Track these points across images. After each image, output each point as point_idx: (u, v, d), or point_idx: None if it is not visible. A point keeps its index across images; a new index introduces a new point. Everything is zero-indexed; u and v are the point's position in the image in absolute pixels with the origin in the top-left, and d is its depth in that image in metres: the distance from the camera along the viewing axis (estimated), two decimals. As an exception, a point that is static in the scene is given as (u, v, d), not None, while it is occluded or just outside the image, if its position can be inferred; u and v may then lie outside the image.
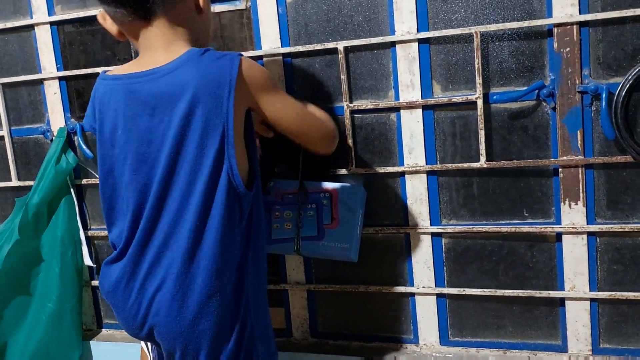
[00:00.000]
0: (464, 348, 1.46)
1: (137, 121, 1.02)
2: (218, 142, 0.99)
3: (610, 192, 1.30)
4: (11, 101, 1.70)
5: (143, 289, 1.05)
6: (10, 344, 1.64)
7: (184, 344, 1.04)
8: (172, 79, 1.00)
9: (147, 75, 1.02)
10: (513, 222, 1.37)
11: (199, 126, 0.99)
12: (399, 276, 1.48)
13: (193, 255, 1.02)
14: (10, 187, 1.75)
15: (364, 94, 1.41)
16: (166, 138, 1.00)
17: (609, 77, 1.25)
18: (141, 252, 1.05)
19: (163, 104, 1.00)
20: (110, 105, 1.05)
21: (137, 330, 1.08)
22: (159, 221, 1.03)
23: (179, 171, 1.01)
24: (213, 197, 1.01)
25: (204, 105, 0.98)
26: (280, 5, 1.41)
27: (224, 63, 1.00)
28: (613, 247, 1.32)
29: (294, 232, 1.36)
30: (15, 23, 1.64)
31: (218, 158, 1.00)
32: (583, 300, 1.35)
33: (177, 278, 1.02)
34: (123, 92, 1.03)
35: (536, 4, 1.26)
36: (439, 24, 1.33)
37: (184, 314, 1.03)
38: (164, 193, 1.02)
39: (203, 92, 0.98)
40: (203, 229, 1.01)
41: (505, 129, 1.33)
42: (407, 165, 1.40)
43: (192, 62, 1.00)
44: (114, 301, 1.10)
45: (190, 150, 1.00)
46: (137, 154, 1.03)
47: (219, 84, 0.98)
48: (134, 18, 1.04)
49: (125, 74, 1.05)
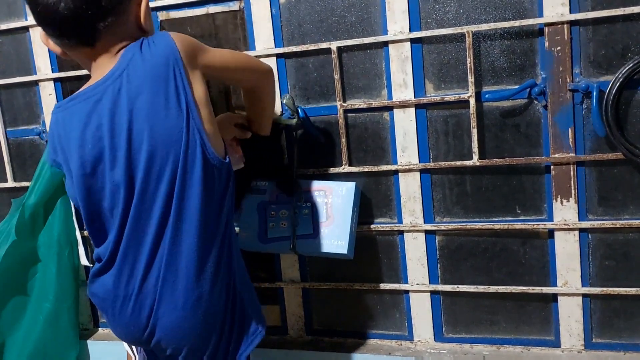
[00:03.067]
0: (458, 344, 1.47)
1: (102, 130, 1.01)
2: (185, 118, 1.00)
3: (601, 189, 1.32)
4: (6, 102, 1.71)
5: (142, 289, 1.05)
6: (8, 344, 1.64)
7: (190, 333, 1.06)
8: (124, 78, 1.00)
9: (101, 85, 1.02)
10: (506, 219, 1.38)
11: (165, 112, 0.99)
12: (393, 273, 1.49)
13: (180, 239, 1.03)
14: (6, 188, 1.75)
15: (357, 94, 1.42)
16: (137, 134, 1.00)
17: (600, 76, 1.27)
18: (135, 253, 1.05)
19: (124, 105, 1.00)
20: (71, 127, 1.04)
21: (139, 334, 1.08)
22: (148, 216, 1.03)
23: (158, 161, 1.01)
24: (191, 174, 1.01)
25: (163, 90, 0.99)
26: (273, 6, 1.42)
27: (163, 46, 1.01)
28: (605, 243, 1.34)
29: (289, 230, 1.37)
30: (10, 25, 1.64)
31: (188, 134, 1.00)
32: (575, 295, 1.36)
33: (169, 268, 1.03)
34: (83, 109, 1.03)
35: (527, 4, 1.28)
36: (431, 23, 1.34)
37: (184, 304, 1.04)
38: (146, 188, 1.01)
39: (158, 80, 0.99)
40: (183, 209, 1.02)
41: (497, 127, 1.35)
42: (401, 163, 1.41)
43: (135, 58, 1.00)
44: (112, 310, 1.09)
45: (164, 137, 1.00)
46: (112, 160, 1.02)
47: (168, 66, 0.99)
48: (77, 44, 1.04)
49: (79, 92, 1.06)
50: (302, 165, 1.45)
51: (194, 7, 1.47)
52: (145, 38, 1.03)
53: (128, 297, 1.06)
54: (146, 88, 0.99)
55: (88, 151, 1.03)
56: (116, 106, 1.00)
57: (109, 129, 1.00)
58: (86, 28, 1.01)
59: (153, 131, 0.99)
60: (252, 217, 1.42)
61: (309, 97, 1.44)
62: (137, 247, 1.04)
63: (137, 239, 1.04)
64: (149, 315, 1.06)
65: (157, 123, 0.99)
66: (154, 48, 1.01)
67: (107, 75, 1.02)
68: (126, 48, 1.02)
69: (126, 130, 0.99)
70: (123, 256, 1.06)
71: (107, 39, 1.03)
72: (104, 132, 1.01)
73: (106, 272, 1.08)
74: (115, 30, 1.04)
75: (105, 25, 1.01)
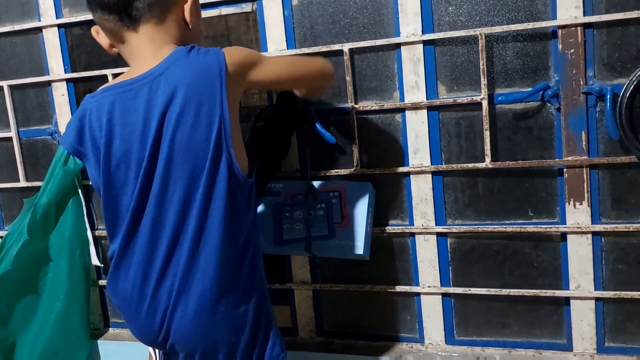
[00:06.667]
0: (469, 347, 1.47)
1: (133, 127, 1.02)
2: (215, 134, 0.99)
3: (614, 192, 1.31)
4: (19, 103, 1.72)
5: (156, 294, 1.05)
6: (19, 343, 1.65)
7: (204, 339, 1.06)
8: (162, 80, 1.00)
9: (138, 81, 1.02)
10: (518, 222, 1.38)
11: (195, 121, 0.99)
12: (404, 276, 1.49)
13: (199, 250, 1.03)
14: (18, 188, 1.76)
15: (369, 95, 1.42)
16: (164, 138, 1.00)
17: (614, 78, 1.26)
18: (149, 256, 1.05)
19: (157, 106, 1.00)
20: (103, 119, 1.04)
21: (154, 337, 1.08)
22: (164, 221, 1.03)
23: (178, 168, 1.01)
24: (214, 189, 1.01)
25: (198, 100, 0.99)
26: (286, 8, 1.42)
27: (211, 57, 1.01)
28: (618, 246, 1.33)
29: (304, 232, 1.37)
30: (24, 25, 1.65)
31: (216, 150, 1.00)
32: (588, 299, 1.36)
33: (186, 277, 1.03)
34: (116, 101, 1.03)
35: (541, 6, 1.27)
36: (443, 25, 1.34)
37: (199, 312, 1.04)
38: (164, 193, 1.02)
39: (195, 89, 0.99)
40: (206, 221, 1.02)
41: (510, 129, 1.34)
42: (413, 165, 1.41)
43: (180, 61, 1.01)
44: (128, 311, 1.10)
45: (188, 146, 1.00)
46: (137, 159, 1.03)
47: (210, 78, 0.99)
48: (121, 25, 1.05)
49: (115, 84, 1.06)
50: (314, 167, 1.45)
51: (207, 8, 1.47)
52: (195, 46, 1.03)
53: (142, 300, 1.06)
54: (181, 95, 0.99)
55: (116, 146, 1.03)
56: (150, 106, 1.00)
57: (140, 128, 1.01)
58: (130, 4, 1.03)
59: (175, 138, 1.00)
60: (267, 219, 1.42)
61: (321, 98, 1.44)
62: (152, 250, 1.05)
63: (151, 242, 1.05)
64: (162, 320, 1.06)
65: (182, 130, 0.99)
66: (201, 58, 1.01)
67: (147, 72, 1.02)
68: (173, 51, 1.03)
69: (154, 132, 1.00)
70: (137, 257, 1.06)
71: (150, 25, 1.04)
72: (134, 130, 1.01)
73: (121, 272, 1.09)
74: (159, 16, 1.04)
75: (148, 4, 1.03)
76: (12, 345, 1.64)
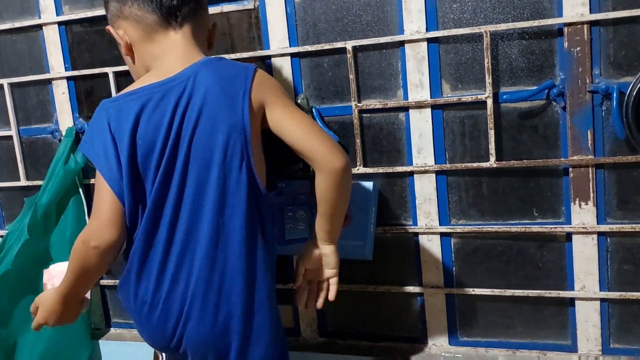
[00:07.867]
0: (473, 348, 1.45)
1: (158, 130, 1.01)
2: (240, 143, 1.00)
3: (620, 192, 1.30)
4: (19, 101, 1.70)
5: (169, 298, 1.05)
6: (20, 343, 1.64)
7: (216, 349, 1.05)
8: (190, 83, 1.01)
9: (167, 84, 1.03)
10: (523, 222, 1.37)
11: (214, 126, 1.00)
12: (408, 276, 1.47)
13: (217, 258, 1.03)
14: (18, 187, 1.75)
15: (372, 94, 1.41)
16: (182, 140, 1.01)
17: (620, 77, 1.25)
18: (163, 262, 1.04)
19: (184, 110, 1.01)
20: (128, 124, 1.02)
21: (166, 342, 1.08)
22: (177, 228, 1.03)
23: (193, 172, 1.01)
24: (233, 196, 1.02)
25: (220, 104, 1.00)
26: (288, 5, 1.41)
27: (240, 67, 1.04)
28: (623, 247, 1.32)
29: (307, 231, 1.36)
30: (24, 23, 1.64)
31: (235, 155, 1.01)
32: (593, 300, 1.35)
33: (203, 284, 1.03)
34: (144, 104, 1.02)
35: (546, 3, 1.26)
36: (448, 23, 1.32)
37: (215, 319, 1.04)
38: (180, 197, 1.02)
39: (220, 93, 1.00)
40: (225, 231, 1.02)
41: (515, 128, 1.33)
42: (416, 164, 1.39)
43: (208, 66, 1.03)
44: (138, 315, 1.09)
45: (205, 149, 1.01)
46: (165, 163, 1.02)
47: (234, 83, 1.01)
48: (161, 23, 1.06)
49: (141, 87, 1.05)
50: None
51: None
52: (225, 58, 1.08)
53: (155, 304, 1.06)
54: (209, 98, 1.00)
55: (138, 147, 1.03)
56: (177, 107, 1.01)
57: (164, 129, 1.02)
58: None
59: (194, 140, 1.01)
60: None
61: (323, 97, 1.43)
62: (164, 253, 1.04)
63: (166, 247, 1.04)
64: (175, 326, 1.05)
65: (201, 132, 1.01)
66: (231, 66, 1.04)
67: (177, 75, 1.03)
68: (204, 58, 1.05)
69: (174, 134, 1.01)
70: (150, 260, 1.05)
71: (188, 27, 1.09)
72: (157, 132, 1.02)
73: (131, 275, 1.08)
74: (196, 24, 1.10)
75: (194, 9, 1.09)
76: (12, 345, 1.63)
